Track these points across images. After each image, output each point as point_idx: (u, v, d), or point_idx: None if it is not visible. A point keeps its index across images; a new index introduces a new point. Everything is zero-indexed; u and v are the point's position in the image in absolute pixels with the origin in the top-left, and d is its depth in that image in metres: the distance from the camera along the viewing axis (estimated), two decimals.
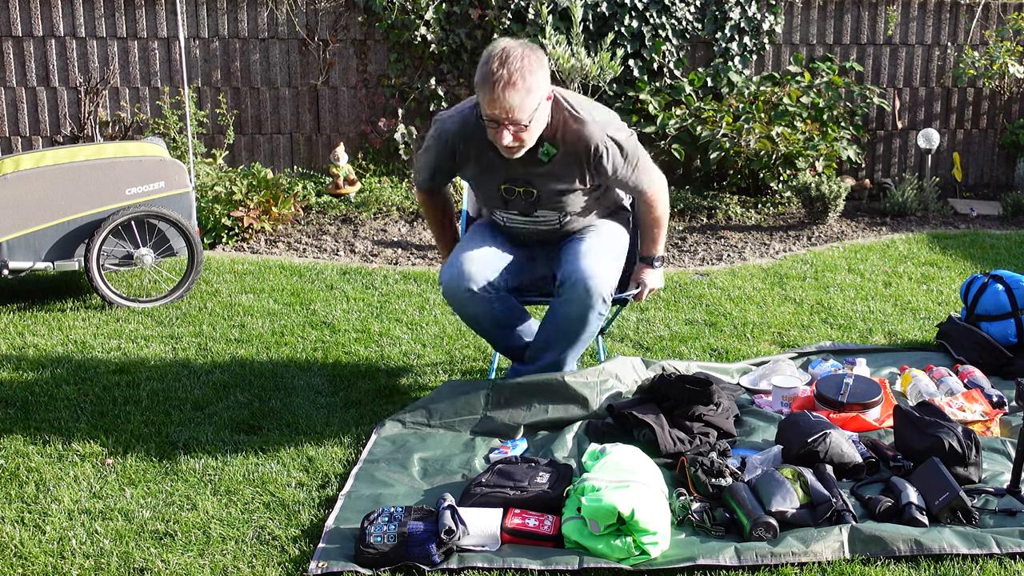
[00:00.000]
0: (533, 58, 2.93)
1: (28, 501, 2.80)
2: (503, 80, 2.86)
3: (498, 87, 2.86)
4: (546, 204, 3.24)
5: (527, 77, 2.89)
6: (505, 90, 2.86)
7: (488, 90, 2.89)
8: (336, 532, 2.60)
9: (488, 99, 2.89)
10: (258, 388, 3.61)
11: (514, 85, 2.87)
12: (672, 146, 6.66)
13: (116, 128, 6.49)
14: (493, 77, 2.87)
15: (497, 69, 2.87)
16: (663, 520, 2.52)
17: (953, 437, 2.86)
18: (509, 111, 2.90)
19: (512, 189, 3.21)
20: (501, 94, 2.87)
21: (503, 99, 2.87)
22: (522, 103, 2.90)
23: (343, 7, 6.65)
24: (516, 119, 2.92)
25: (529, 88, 2.89)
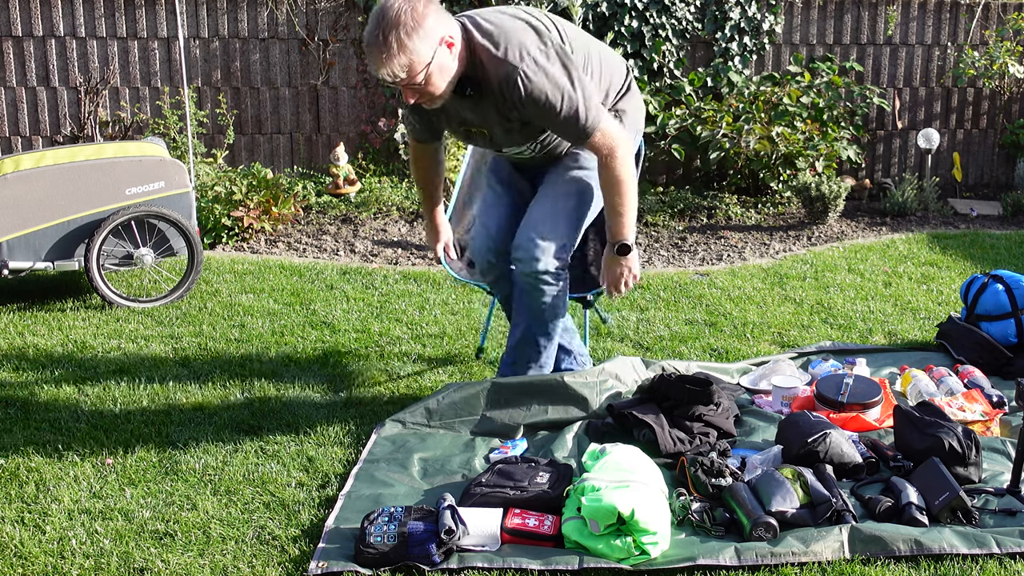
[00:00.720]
0: (413, 13, 2.71)
1: (28, 501, 2.80)
2: (380, 49, 2.69)
3: (379, 57, 2.71)
4: (505, 142, 3.11)
5: (406, 41, 2.69)
6: (386, 60, 2.70)
7: (370, 59, 2.75)
8: (336, 532, 2.60)
9: (373, 68, 2.75)
10: (258, 388, 3.61)
11: (391, 54, 2.69)
12: (672, 146, 6.66)
13: (116, 128, 6.49)
14: (370, 46, 2.72)
15: (374, 35, 2.71)
16: (663, 520, 2.52)
17: (953, 437, 2.86)
18: (395, 77, 2.74)
19: (469, 132, 3.11)
20: (383, 64, 2.71)
21: (385, 69, 2.71)
22: (407, 66, 2.73)
23: (343, 7, 6.65)
24: (408, 82, 2.76)
25: (412, 49, 2.71)
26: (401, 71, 2.72)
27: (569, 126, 2.92)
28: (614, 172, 2.99)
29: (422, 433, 3.21)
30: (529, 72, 2.84)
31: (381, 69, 2.72)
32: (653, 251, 5.69)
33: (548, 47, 2.89)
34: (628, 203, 3.05)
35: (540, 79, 2.85)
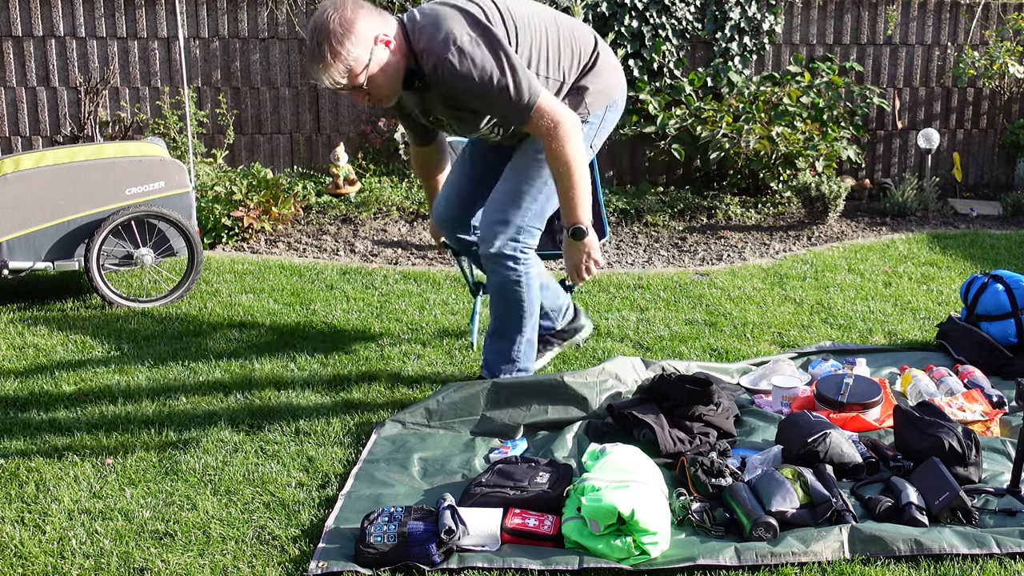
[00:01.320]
0: (343, 20, 2.78)
1: (28, 501, 2.80)
2: (317, 60, 2.79)
3: (317, 67, 2.80)
4: (463, 129, 3.16)
5: (339, 47, 2.77)
6: (324, 69, 2.79)
7: (311, 71, 2.84)
8: (336, 532, 2.60)
9: (315, 78, 2.85)
10: (258, 388, 3.61)
11: (328, 63, 2.78)
12: (672, 146, 6.66)
13: (116, 128, 6.49)
14: (309, 59, 2.82)
15: (310, 48, 2.79)
16: (663, 520, 2.52)
17: (953, 437, 2.86)
18: (336, 84, 2.83)
19: (435, 121, 3.18)
20: (322, 73, 2.80)
21: (326, 77, 2.81)
22: (347, 72, 2.81)
23: None
24: (351, 86, 2.85)
25: (347, 55, 2.79)
26: (341, 77, 2.81)
27: (503, 109, 2.94)
28: (556, 152, 2.96)
29: (422, 433, 3.21)
30: (454, 59, 2.86)
31: (322, 78, 2.81)
32: (653, 251, 5.69)
33: (476, 31, 2.89)
34: (577, 184, 2.99)
35: (466, 64, 2.87)
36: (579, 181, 2.99)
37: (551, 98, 2.96)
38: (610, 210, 6.27)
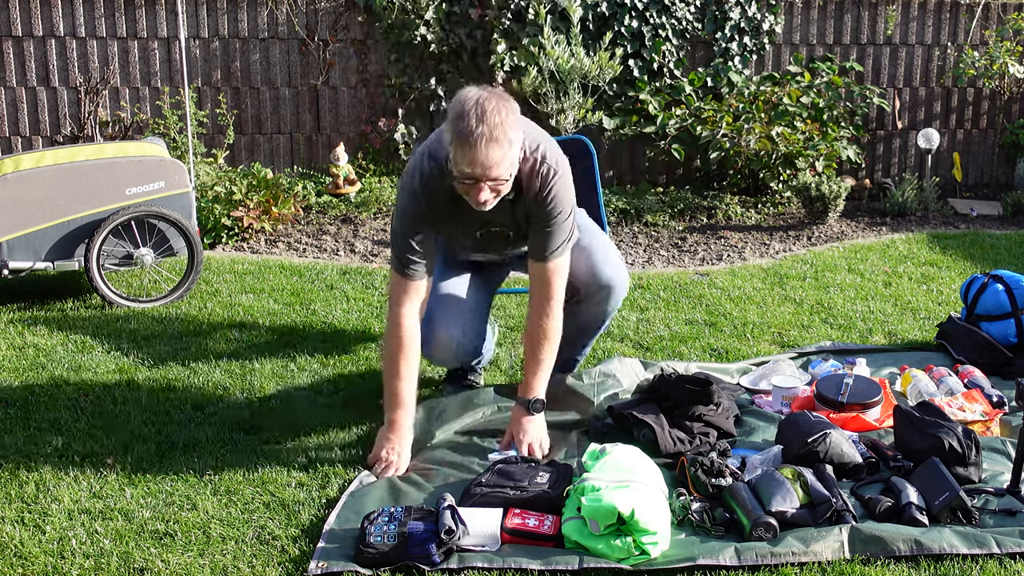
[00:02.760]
0: (510, 109, 2.73)
1: (28, 501, 2.80)
2: (485, 137, 2.65)
3: (480, 144, 2.65)
4: (520, 241, 3.14)
5: (508, 132, 2.69)
6: (488, 147, 2.66)
7: (469, 148, 2.66)
8: (336, 532, 2.60)
9: (469, 157, 2.68)
10: (258, 388, 3.61)
11: (497, 141, 2.66)
12: (672, 146, 6.66)
13: (116, 128, 6.49)
14: (474, 135, 2.64)
15: (476, 125, 2.64)
16: (663, 520, 2.52)
17: (953, 437, 2.86)
18: (490, 169, 2.70)
19: (490, 232, 3.08)
20: (484, 152, 2.66)
21: (486, 157, 2.67)
22: (502, 159, 2.71)
23: (343, 7, 6.65)
24: (497, 175, 2.73)
25: (511, 142, 2.71)
26: (499, 161, 2.70)
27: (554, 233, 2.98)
28: (555, 320, 3.02)
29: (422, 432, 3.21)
30: (565, 177, 2.96)
31: (481, 158, 2.67)
32: (653, 251, 5.69)
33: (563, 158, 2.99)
34: (551, 360, 3.05)
35: (567, 186, 2.98)
36: (554, 352, 3.06)
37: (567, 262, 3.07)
38: (610, 210, 6.27)
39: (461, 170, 2.72)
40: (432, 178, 2.89)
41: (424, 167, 2.91)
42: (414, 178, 2.92)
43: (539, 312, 3.01)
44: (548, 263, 2.99)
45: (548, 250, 2.98)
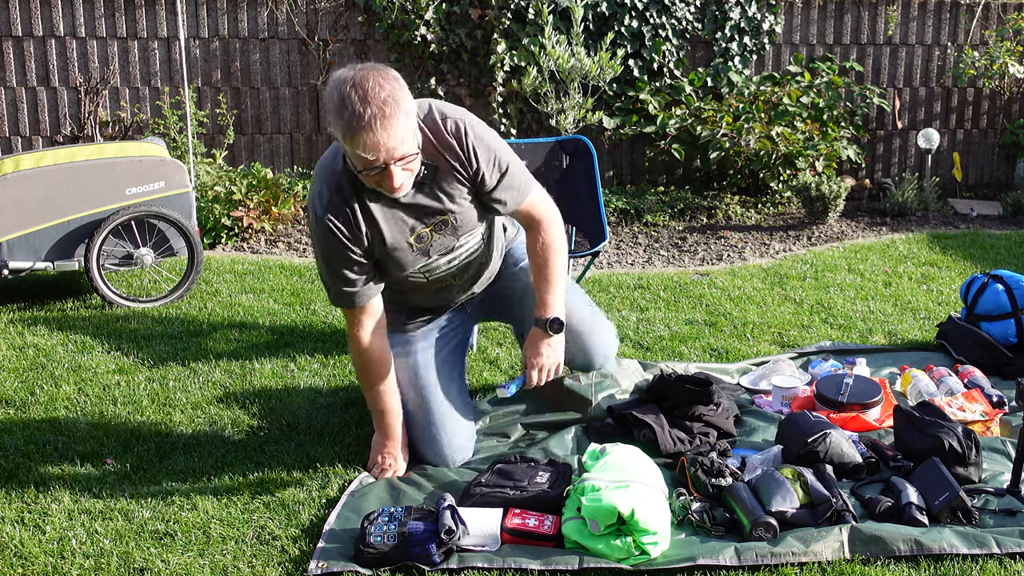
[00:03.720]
0: (390, 78, 2.47)
1: (28, 501, 2.80)
2: (376, 117, 2.39)
3: (376, 126, 2.39)
4: (462, 225, 2.82)
5: (400, 103, 2.44)
6: (385, 127, 2.41)
7: (364, 133, 2.40)
8: (336, 532, 2.60)
9: (367, 143, 2.42)
10: (258, 388, 3.61)
11: (391, 117, 2.41)
12: (672, 146, 6.66)
13: (116, 128, 6.49)
14: (364, 120, 2.39)
15: (363, 108, 2.39)
16: (663, 520, 2.52)
17: (953, 437, 2.86)
18: (393, 147, 2.45)
19: (421, 234, 2.77)
20: (382, 132, 2.41)
21: (387, 138, 2.42)
22: (404, 134, 2.46)
23: (343, 7, 6.65)
24: (403, 153, 2.48)
25: (406, 112, 2.46)
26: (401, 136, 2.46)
27: (511, 182, 2.80)
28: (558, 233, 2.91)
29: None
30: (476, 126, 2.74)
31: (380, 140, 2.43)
32: (653, 251, 5.69)
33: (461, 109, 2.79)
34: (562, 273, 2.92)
35: (484, 132, 2.76)
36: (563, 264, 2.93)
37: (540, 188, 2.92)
38: (610, 210, 6.27)
39: (363, 161, 2.47)
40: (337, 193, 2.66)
41: (322, 189, 2.68)
42: (317, 207, 2.68)
43: (534, 234, 2.90)
44: (520, 206, 2.86)
45: (513, 200, 2.83)
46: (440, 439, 2.99)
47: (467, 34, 6.64)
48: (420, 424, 3.02)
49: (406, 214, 2.74)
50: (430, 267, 2.89)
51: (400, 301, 3.05)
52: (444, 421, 3.01)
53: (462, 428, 3.05)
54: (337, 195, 2.67)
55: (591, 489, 2.54)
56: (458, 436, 3.02)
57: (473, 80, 6.77)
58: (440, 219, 2.78)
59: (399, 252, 2.78)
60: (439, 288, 3.01)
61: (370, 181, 2.56)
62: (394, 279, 2.89)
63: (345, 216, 2.67)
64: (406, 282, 2.92)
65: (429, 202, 2.74)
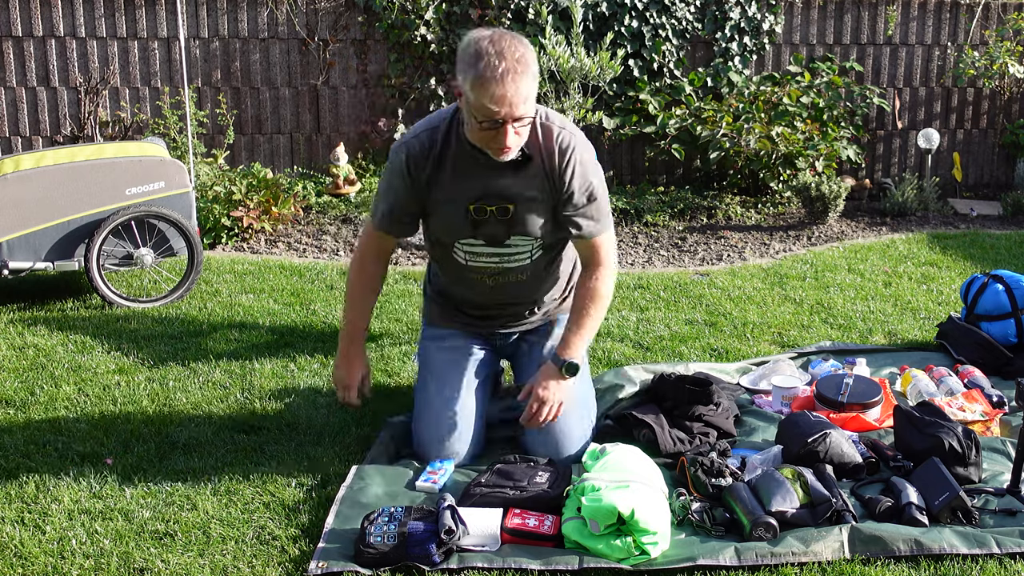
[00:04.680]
0: (524, 42, 2.63)
1: (28, 501, 2.80)
2: (510, 71, 2.55)
3: (507, 78, 2.54)
4: (519, 223, 2.88)
5: (530, 64, 2.60)
6: (515, 80, 2.55)
7: (495, 85, 2.55)
8: (336, 532, 2.60)
9: (496, 95, 2.55)
10: (258, 388, 3.61)
11: (522, 74, 2.57)
12: (672, 146, 6.66)
13: (116, 128, 6.49)
14: (498, 69, 2.54)
15: (499, 62, 2.55)
16: (663, 520, 2.52)
17: (953, 437, 2.86)
18: (517, 103, 2.58)
19: (483, 208, 2.85)
20: (512, 85, 2.55)
21: (515, 92, 2.56)
22: (529, 92, 2.61)
23: (343, 7, 6.65)
24: (522, 113, 2.62)
25: (533, 74, 2.62)
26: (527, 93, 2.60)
27: (594, 212, 2.91)
28: (608, 286, 2.96)
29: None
30: (584, 149, 2.87)
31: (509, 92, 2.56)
32: (653, 251, 5.69)
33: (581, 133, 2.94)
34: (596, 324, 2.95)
35: (589, 157, 2.88)
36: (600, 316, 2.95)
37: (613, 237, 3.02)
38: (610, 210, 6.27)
39: (487, 112, 2.59)
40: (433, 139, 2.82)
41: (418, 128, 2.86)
42: (406, 135, 2.88)
43: (589, 274, 2.94)
44: (592, 239, 2.93)
45: (588, 229, 2.91)
46: (447, 436, 2.99)
47: None
48: (430, 423, 3.01)
49: (477, 184, 2.84)
50: (474, 250, 2.95)
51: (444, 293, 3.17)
52: (454, 418, 3.01)
53: (470, 430, 3.03)
54: (428, 136, 2.84)
55: (591, 489, 2.54)
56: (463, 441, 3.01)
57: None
58: (504, 205, 2.86)
59: (453, 215, 2.88)
60: (474, 280, 3.04)
61: (484, 137, 2.68)
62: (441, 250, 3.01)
63: (421, 155, 2.83)
64: (450, 258, 3.01)
65: (504, 183, 2.83)
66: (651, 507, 2.49)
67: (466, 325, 3.18)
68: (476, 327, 3.18)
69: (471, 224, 2.89)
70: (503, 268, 2.99)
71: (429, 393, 3.06)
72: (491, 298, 3.10)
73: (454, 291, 3.15)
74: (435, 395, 3.04)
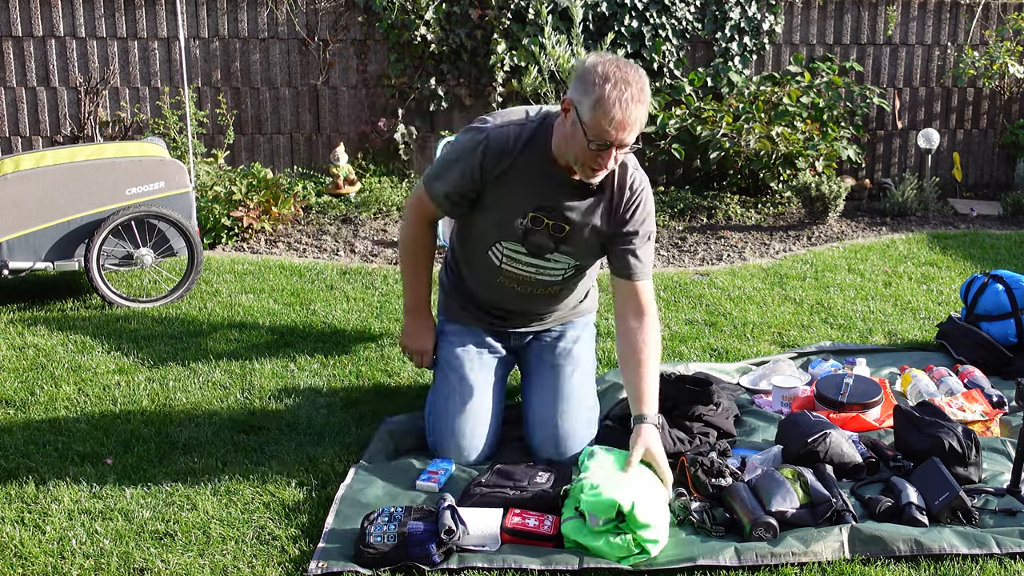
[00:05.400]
0: (644, 75, 2.68)
1: (28, 501, 2.80)
2: (635, 98, 2.60)
3: (631, 105, 2.59)
4: (568, 244, 2.93)
5: (648, 94, 2.66)
6: (638, 108, 2.61)
7: (619, 109, 2.59)
8: (336, 532, 2.60)
9: (617, 119, 2.59)
10: (258, 388, 3.61)
11: (644, 102, 2.63)
12: (672, 146, 6.66)
13: (116, 128, 6.49)
14: (624, 94, 2.59)
15: (624, 87, 2.59)
16: (662, 517, 2.52)
17: (953, 437, 2.86)
18: (630, 131, 2.64)
19: (540, 219, 2.89)
20: (633, 112, 2.61)
21: (634, 118, 2.62)
22: (641, 124, 2.66)
23: (343, 7, 6.65)
24: (629, 141, 2.67)
25: (648, 107, 2.67)
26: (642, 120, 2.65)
27: (646, 254, 2.95)
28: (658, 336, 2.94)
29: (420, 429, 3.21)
30: (650, 197, 2.94)
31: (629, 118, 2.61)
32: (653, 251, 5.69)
33: None
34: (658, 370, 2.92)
35: (652, 202, 2.97)
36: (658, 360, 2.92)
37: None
38: None
39: (601, 134, 2.62)
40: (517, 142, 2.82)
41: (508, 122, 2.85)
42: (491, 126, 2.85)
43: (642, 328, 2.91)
44: (636, 283, 2.94)
45: (637, 269, 2.93)
46: (464, 431, 2.99)
47: (467, 34, 6.64)
48: (447, 420, 3.02)
49: (545, 197, 2.87)
50: (514, 256, 2.99)
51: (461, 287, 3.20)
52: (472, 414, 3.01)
53: (486, 428, 3.03)
54: (513, 132, 2.84)
55: (590, 487, 2.54)
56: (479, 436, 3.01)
57: (473, 80, 6.77)
58: (562, 224, 2.90)
59: (510, 216, 2.90)
60: (501, 284, 3.07)
61: (587, 157, 2.70)
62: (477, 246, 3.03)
63: (500, 149, 2.82)
64: (484, 256, 3.03)
65: (569, 204, 2.87)
66: (651, 503, 2.50)
67: (483, 321, 3.21)
68: (493, 325, 3.21)
69: (523, 231, 2.92)
70: (535, 280, 3.04)
71: (448, 389, 3.07)
72: (513, 302, 3.14)
73: (475, 288, 3.17)
74: (454, 392, 3.05)
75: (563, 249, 2.96)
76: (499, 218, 2.93)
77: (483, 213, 2.96)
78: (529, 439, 3.05)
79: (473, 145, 2.85)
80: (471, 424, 3.00)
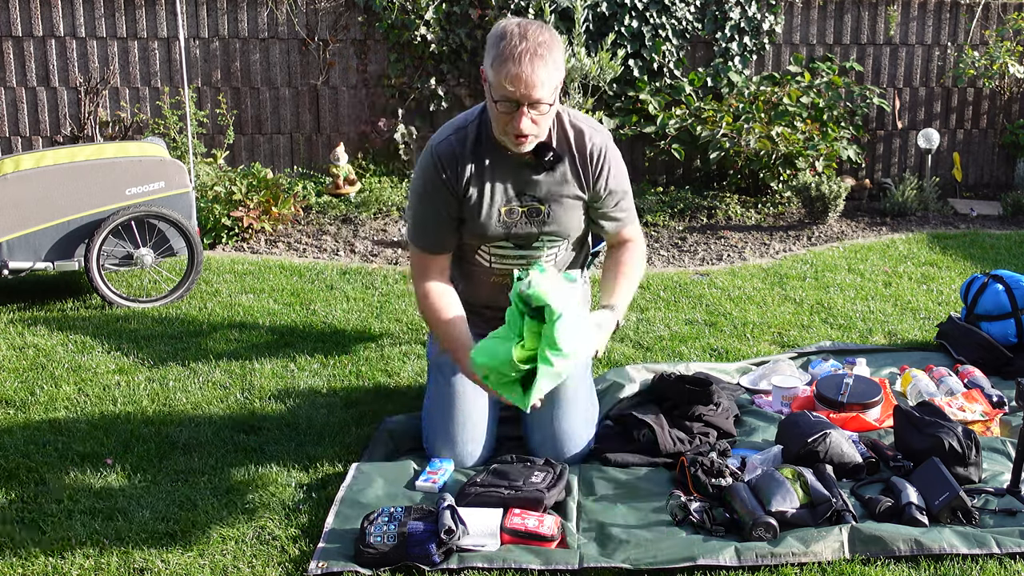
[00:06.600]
0: (553, 34, 2.67)
1: (28, 501, 2.80)
2: (529, 52, 2.58)
3: (524, 59, 2.58)
4: (551, 224, 2.93)
5: (552, 52, 2.63)
6: (532, 61, 2.58)
7: (512, 63, 2.58)
8: (336, 532, 2.60)
9: (512, 73, 2.58)
10: (258, 388, 3.61)
11: (541, 57, 2.59)
12: (672, 146, 6.66)
13: (116, 128, 6.49)
14: (517, 49, 2.58)
15: (519, 42, 2.59)
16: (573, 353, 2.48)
17: (953, 437, 2.86)
18: (533, 87, 2.60)
19: (515, 210, 2.90)
20: (528, 66, 2.58)
21: (530, 73, 2.58)
22: (548, 78, 2.62)
23: (343, 7, 6.65)
24: (538, 97, 2.62)
25: (556, 62, 2.64)
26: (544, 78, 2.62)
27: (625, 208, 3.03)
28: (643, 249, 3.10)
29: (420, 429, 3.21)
30: (613, 150, 2.96)
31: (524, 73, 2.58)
32: (653, 251, 5.69)
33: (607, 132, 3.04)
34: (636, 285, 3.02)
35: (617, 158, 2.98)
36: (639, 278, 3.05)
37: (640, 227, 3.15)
38: None
39: (503, 92, 2.62)
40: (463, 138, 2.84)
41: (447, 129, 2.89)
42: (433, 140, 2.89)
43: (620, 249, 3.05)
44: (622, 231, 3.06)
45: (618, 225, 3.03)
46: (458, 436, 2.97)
47: (467, 34, 6.64)
48: (441, 420, 3.00)
49: (511, 185, 2.89)
50: (502, 253, 3.00)
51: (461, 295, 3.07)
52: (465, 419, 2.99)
53: (482, 432, 3.01)
54: (456, 138, 2.86)
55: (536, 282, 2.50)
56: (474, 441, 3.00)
57: (473, 80, 6.77)
58: (535, 206, 2.91)
59: (487, 215, 2.90)
60: (495, 284, 3.07)
61: (501, 122, 2.71)
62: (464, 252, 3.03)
63: (453, 157, 2.85)
64: (472, 260, 3.04)
65: (535, 183, 2.89)
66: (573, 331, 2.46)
67: (478, 325, 3.16)
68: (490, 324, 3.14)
69: (504, 229, 2.93)
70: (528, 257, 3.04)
71: (441, 392, 3.04)
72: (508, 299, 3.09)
73: (469, 291, 3.12)
74: (448, 398, 3.01)
75: (547, 230, 2.96)
76: (479, 221, 2.91)
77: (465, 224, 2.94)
78: (528, 439, 3.04)
79: (429, 166, 2.88)
80: (466, 430, 2.98)
